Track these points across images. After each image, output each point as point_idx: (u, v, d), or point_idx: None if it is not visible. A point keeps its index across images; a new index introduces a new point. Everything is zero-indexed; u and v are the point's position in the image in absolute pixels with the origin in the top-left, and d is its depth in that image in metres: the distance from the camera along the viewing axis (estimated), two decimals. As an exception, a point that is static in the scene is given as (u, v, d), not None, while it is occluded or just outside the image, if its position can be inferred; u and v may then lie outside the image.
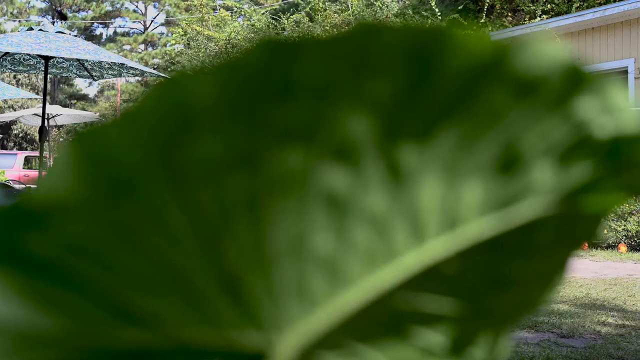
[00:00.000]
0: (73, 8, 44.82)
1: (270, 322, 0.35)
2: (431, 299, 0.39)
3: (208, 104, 0.29)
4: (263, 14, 23.65)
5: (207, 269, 0.33)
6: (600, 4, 20.70)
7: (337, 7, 23.19)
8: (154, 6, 47.42)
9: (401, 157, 0.33)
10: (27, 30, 6.52)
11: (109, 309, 0.33)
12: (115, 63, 6.97)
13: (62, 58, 7.02)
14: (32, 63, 7.40)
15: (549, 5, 22.29)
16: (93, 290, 0.32)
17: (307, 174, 0.32)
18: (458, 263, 0.37)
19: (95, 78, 7.52)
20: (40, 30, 6.56)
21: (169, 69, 27.07)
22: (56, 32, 6.59)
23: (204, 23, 23.07)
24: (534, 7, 22.57)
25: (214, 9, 25.83)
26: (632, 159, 0.35)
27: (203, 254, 0.32)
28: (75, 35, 7.29)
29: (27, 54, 7.06)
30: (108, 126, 0.29)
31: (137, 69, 6.85)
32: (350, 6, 21.71)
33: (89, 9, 45.02)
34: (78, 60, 7.17)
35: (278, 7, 29.33)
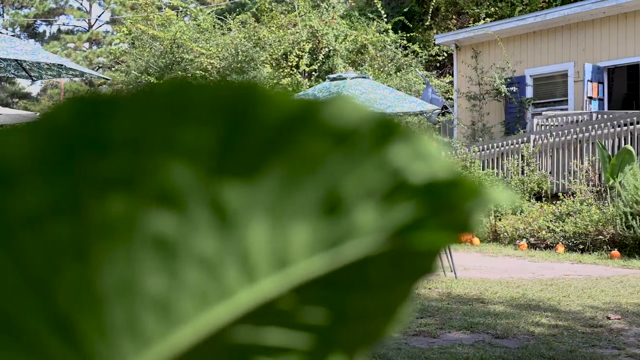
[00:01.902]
0: (15, 5, 44.07)
1: (105, 360, 0.36)
2: (271, 332, 0.40)
3: (19, 157, 0.30)
4: (209, 13, 23.54)
5: (37, 313, 0.34)
6: (542, 9, 21.07)
7: (284, 7, 23.21)
8: (99, 4, 46.89)
9: (226, 202, 0.34)
10: (-37, 29, 6.40)
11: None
12: (54, 63, 6.88)
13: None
14: (-32, 63, 7.27)
15: (492, 9, 22.62)
16: None
17: (133, 220, 0.33)
18: (293, 299, 0.39)
19: (34, 79, 7.42)
20: (-23, 29, 6.44)
21: (113, 69, 26.82)
22: (-7, 31, 6.48)
23: (148, 22, 22.87)
24: (478, 10, 22.88)
25: (159, 8, 25.63)
26: (448, 201, 0.37)
27: (32, 298, 0.33)
28: (14, 35, 7.18)
29: (-37, 54, 6.93)
30: None
31: (76, 70, 6.77)
32: (296, 7, 21.73)
33: (32, 6, 44.32)
34: (16, 60, 7.06)
35: (225, 6, 29.22)
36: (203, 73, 20.42)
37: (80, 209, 0.32)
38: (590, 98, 16.16)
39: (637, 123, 12.50)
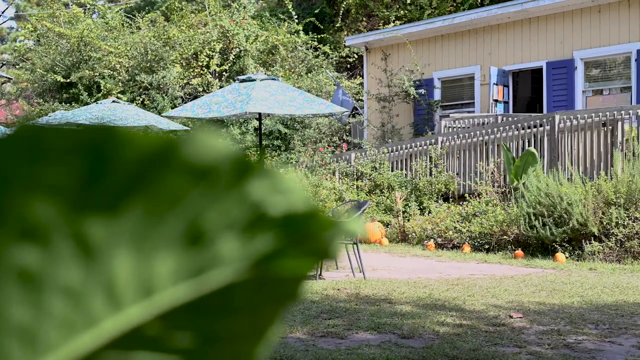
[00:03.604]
0: None
1: (-30, 388, 0.37)
2: (139, 356, 0.42)
3: None
4: (118, 11, 23.19)
5: None
6: (450, 12, 21.48)
7: (194, 7, 23.03)
8: None
9: (90, 235, 0.36)
10: None
11: None
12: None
13: None
14: None
15: (402, 12, 22.94)
16: None
17: (-3, 254, 0.34)
18: (160, 324, 0.41)
19: None
20: None
21: (18, 66, 26.14)
22: None
23: (55, 19, 22.38)
24: (388, 13, 23.17)
25: (66, 5, 25.10)
26: (306, 231, 0.39)
27: None
28: None
29: None
30: None
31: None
32: (207, 7, 21.59)
33: None
34: None
35: (134, 4, 28.81)
36: (111, 72, 20.10)
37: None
38: (496, 101, 16.57)
39: (540, 126, 12.87)
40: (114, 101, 12.74)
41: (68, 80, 20.45)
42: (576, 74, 15.43)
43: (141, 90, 19.85)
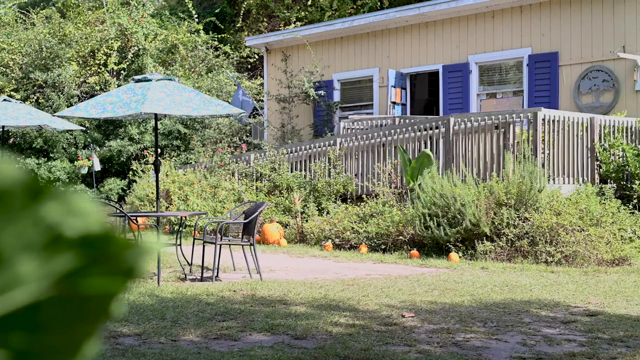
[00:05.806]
0: None
1: None
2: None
3: None
4: (11, 7, 22.53)
5: None
6: (351, 15, 21.70)
7: (91, 3, 22.57)
8: None
9: None
10: None
11: None
12: None
13: None
14: None
15: (302, 13, 23.05)
16: None
17: None
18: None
19: None
20: None
21: None
22: None
23: (-58, 14, 21.57)
24: (289, 14, 23.25)
25: (-44, -1, 24.20)
26: (106, 251, 0.40)
27: None
28: None
29: None
30: None
31: None
32: (105, 4, 21.20)
33: None
34: None
35: (28, 0, 28.01)
36: (4, 69, 19.51)
37: None
38: (394, 103, 16.83)
39: (436, 128, 13.13)
40: (5, 99, 12.35)
41: None
42: (471, 77, 15.82)
43: (35, 88, 19.34)
